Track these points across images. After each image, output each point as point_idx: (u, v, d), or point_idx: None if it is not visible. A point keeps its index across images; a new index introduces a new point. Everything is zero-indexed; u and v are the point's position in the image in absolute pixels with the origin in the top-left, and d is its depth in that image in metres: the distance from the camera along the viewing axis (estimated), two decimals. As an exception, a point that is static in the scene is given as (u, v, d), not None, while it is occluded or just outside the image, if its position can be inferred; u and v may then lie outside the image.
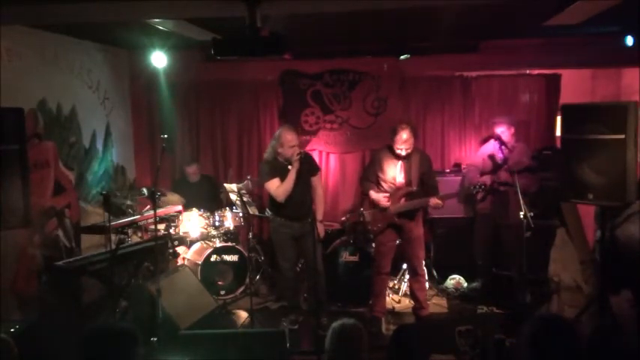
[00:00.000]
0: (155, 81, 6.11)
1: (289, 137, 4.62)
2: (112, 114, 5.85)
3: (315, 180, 4.85)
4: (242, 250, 5.51)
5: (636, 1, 3.88)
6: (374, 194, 4.67)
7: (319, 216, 4.83)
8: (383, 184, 4.71)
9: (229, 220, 5.62)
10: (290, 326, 4.75)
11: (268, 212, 4.92)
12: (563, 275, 5.05)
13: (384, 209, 4.66)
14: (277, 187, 4.66)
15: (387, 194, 4.63)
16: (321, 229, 4.80)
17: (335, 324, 2.59)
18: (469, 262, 5.63)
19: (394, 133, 4.54)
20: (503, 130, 5.20)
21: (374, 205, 4.74)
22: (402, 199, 4.65)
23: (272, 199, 4.80)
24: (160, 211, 4.91)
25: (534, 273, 4.98)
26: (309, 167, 4.77)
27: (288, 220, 4.74)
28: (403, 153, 4.56)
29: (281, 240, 4.83)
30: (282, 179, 4.65)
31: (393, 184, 4.68)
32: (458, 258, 5.74)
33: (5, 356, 2.29)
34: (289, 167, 4.64)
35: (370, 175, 4.77)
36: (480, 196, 5.34)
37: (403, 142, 4.51)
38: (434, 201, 4.52)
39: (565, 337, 2.12)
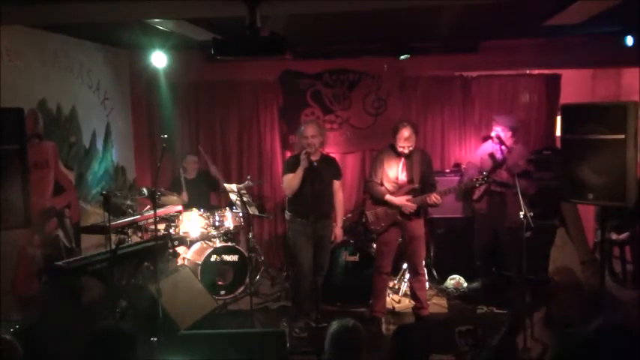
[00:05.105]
0: (155, 81, 6.11)
1: (305, 129, 4.76)
2: (112, 114, 5.84)
3: (336, 184, 4.93)
4: (242, 250, 5.51)
5: (636, 1, 3.88)
6: (396, 200, 4.66)
7: (339, 220, 4.97)
8: (386, 183, 4.72)
9: (229, 220, 5.62)
10: (300, 334, 4.70)
11: (287, 214, 4.93)
12: (563, 275, 5.04)
13: (393, 208, 4.66)
14: (287, 181, 4.80)
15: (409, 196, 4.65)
16: (339, 234, 4.96)
17: (333, 325, 2.58)
18: (469, 262, 5.63)
19: (396, 131, 4.62)
20: (499, 131, 5.20)
21: (376, 203, 4.74)
22: (405, 197, 4.66)
23: (289, 198, 4.86)
24: (160, 211, 4.91)
25: (534, 273, 4.98)
26: (332, 171, 4.90)
27: (304, 218, 4.72)
28: (405, 151, 4.62)
29: (297, 240, 4.83)
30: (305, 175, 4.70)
31: (396, 182, 4.70)
32: (458, 258, 5.74)
33: (10, 357, 2.29)
34: (315, 165, 4.70)
35: (377, 177, 4.76)
36: (477, 193, 5.34)
37: (404, 140, 4.57)
38: (433, 198, 4.54)
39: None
